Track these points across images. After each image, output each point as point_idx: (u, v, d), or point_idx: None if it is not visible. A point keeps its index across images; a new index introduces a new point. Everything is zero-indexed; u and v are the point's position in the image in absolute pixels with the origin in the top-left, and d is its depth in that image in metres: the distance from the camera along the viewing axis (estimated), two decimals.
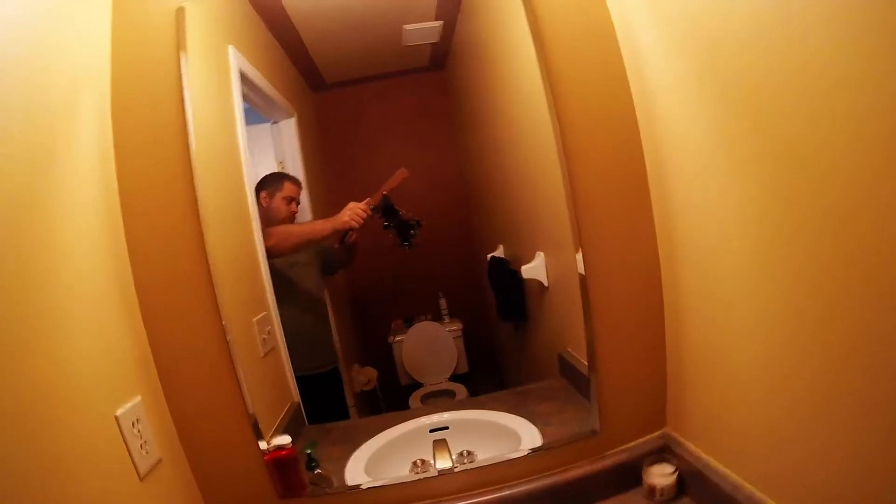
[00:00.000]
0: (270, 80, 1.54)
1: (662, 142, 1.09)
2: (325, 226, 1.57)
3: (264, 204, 1.54)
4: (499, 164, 1.62)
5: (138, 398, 1.05)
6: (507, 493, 1.18)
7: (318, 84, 1.71)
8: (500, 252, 1.64)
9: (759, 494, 0.96)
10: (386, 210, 1.57)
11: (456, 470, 1.21)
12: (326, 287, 1.69)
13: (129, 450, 0.98)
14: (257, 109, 1.54)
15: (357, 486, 1.22)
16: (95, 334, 0.97)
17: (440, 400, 1.74)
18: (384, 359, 1.79)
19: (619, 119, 1.15)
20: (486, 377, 1.77)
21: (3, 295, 0.76)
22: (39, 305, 0.83)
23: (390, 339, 1.79)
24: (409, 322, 1.79)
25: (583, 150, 1.14)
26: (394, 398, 1.77)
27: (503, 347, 1.79)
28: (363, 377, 1.75)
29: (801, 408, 0.85)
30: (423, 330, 1.78)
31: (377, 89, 1.72)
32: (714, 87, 0.90)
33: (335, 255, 1.66)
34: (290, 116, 1.64)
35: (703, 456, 1.11)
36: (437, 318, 1.79)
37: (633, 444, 1.23)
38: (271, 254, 1.40)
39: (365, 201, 1.55)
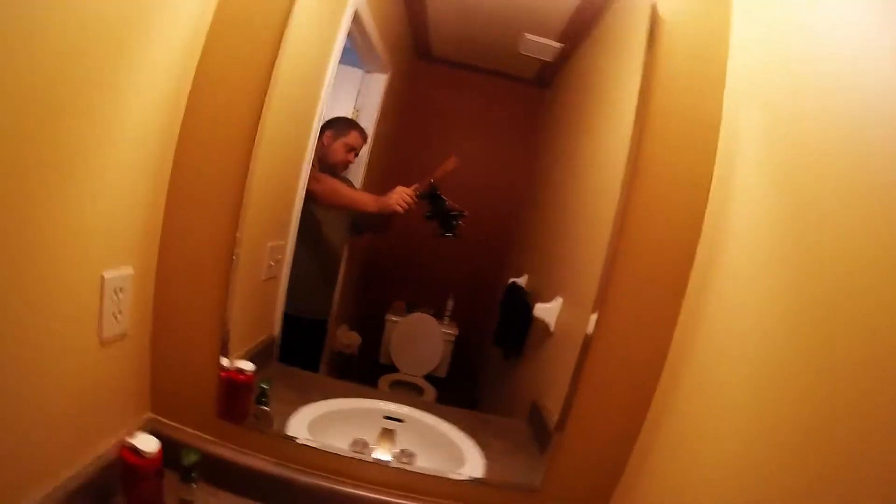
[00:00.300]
0: (381, 30, 1.54)
1: (722, 252, 1.05)
2: (371, 203, 1.58)
3: (325, 143, 1.54)
4: (556, 200, 1.60)
5: (131, 270, 1.07)
6: None
7: (424, 53, 1.71)
8: (522, 281, 1.62)
9: None
10: (432, 198, 1.56)
11: (391, 465, 1.20)
12: (348, 244, 1.70)
13: (101, 312, 0.99)
14: (356, 52, 1.55)
15: (292, 438, 1.22)
16: (121, 189, 0.99)
17: (408, 392, 1.73)
18: (372, 332, 1.79)
19: (688, 208, 1.11)
20: (459, 390, 1.75)
21: (62, 117, 0.79)
22: (87, 140, 0.86)
23: (387, 316, 1.79)
24: (410, 308, 1.79)
25: (641, 222, 1.11)
26: (366, 372, 1.77)
27: (487, 370, 1.77)
28: (347, 339, 1.75)
29: None
30: (421, 321, 1.77)
31: (477, 81, 1.71)
32: (799, 231, 0.85)
33: (369, 219, 1.66)
34: (384, 72, 1.65)
35: None
36: (439, 315, 1.77)
37: None
38: (309, 197, 1.40)
39: (412, 187, 1.54)
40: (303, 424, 1.28)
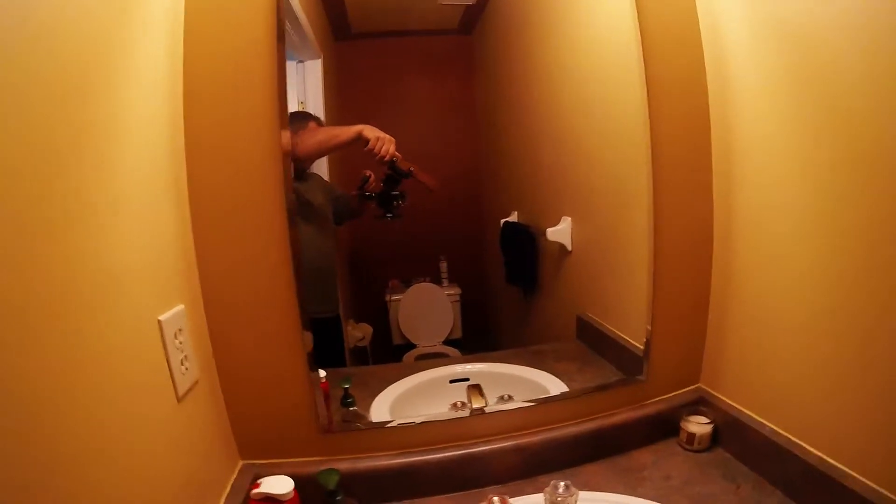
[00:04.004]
0: (307, 13, 1.49)
1: (730, 105, 1.17)
2: (347, 130, 1.50)
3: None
4: (522, 133, 1.66)
5: (181, 306, 0.95)
6: (555, 434, 1.20)
7: (343, 32, 1.67)
8: (514, 218, 1.67)
9: (796, 440, 1.06)
10: (392, 175, 1.54)
11: (511, 408, 1.23)
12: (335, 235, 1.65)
13: (169, 365, 0.88)
14: (289, 45, 1.49)
15: (411, 422, 1.19)
16: (147, 227, 0.87)
17: (430, 360, 1.72)
18: (378, 317, 1.75)
19: (694, 87, 1.21)
20: (480, 344, 1.77)
21: (60, 163, 0.65)
22: (95, 182, 0.72)
23: (387, 297, 1.76)
24: (407, 282, 1.77)
25: (664, 113, 1.19)
26: (385, 357, 1.75)
27: (505, 314, 1.81)
28: (359, 333, 1.70)
29: (838, 359, 0.96)
30: (422, 291, 1.77)
31: (402, 46, 1.70)
32: (792, 68, 0.98)
33: (348, 203, 1.62)
34: (317, 58, 1.59)
35: (739, 407, 1.20)
36: (437, 281, 1.78)
37: (670, 395, 1.30)
38: (294, 155, 1.34)
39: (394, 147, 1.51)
40: (385, 413, 1.25)
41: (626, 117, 1.25)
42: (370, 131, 1.47)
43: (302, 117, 1.53)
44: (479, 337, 1.79)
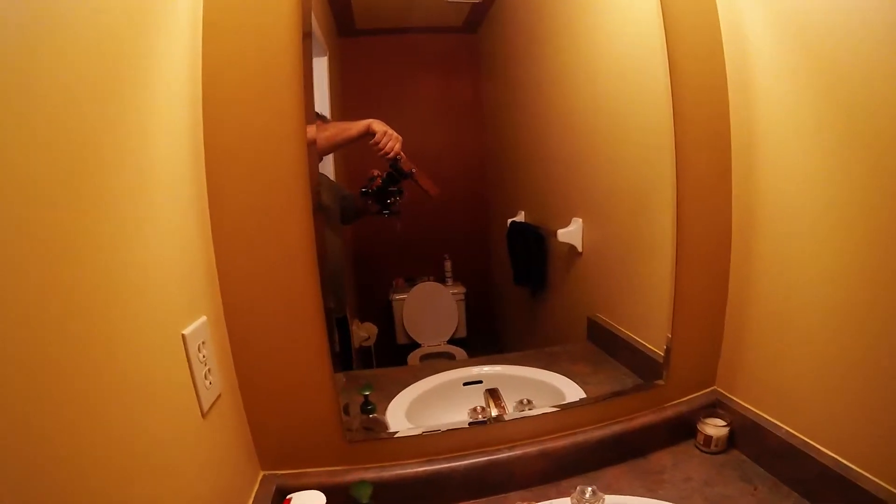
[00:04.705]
0: (315, 10, 1.46)
1: (750, 108, 1.18)
2: (356, 124, 1.49)
3: None
4: (530, 133, 1.65)
5: (204, 318, 0.93)
6: (579, 438, 1.21)
7: (346, 29, 1.64)
8: (520, 218, 1.67)
9: (812, 442, 1.09)
10: (392, 173, 1.53)
11: (534, 414, 1.23)
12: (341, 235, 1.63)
13: (194, 381, 0.86)
14: None
15: (435, 430, 1.19)
16: (171, 236, 0.84)
17: (442, 361, 1.73)
18: (381, 316, 1.74)
19: (716, 91, 1.22)
20: (484, 344, 1.78)
21: (84, 170, 0.62)
22: (120, 190, 0.69)
23: (391, 296, 1.75)
24: (410, 281, 1.76)
25: (688, 117, 1.20)
26: (389, 357, 1.74)
27: (511, 314, 1.81)
28: (364, 332, 1.69)
29: (849, 362, 0.99)
30: (426, 290, 1.76)
31: (406, 43, 1.68)
32: (814, 72, 1.00)
33: (354, 202, 1.60)
34: (324, 55, 1.56)
35: (754, 409, 1.23)
36: (441, 279, 1.77)
37: (689, 398, 1.32)
38: None
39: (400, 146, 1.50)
40: (401, 418, 1.25)
41: (646, 120, 1.25)
42: (379, 125, 1.46)
43: None
44: (483, 336, 1.79)
